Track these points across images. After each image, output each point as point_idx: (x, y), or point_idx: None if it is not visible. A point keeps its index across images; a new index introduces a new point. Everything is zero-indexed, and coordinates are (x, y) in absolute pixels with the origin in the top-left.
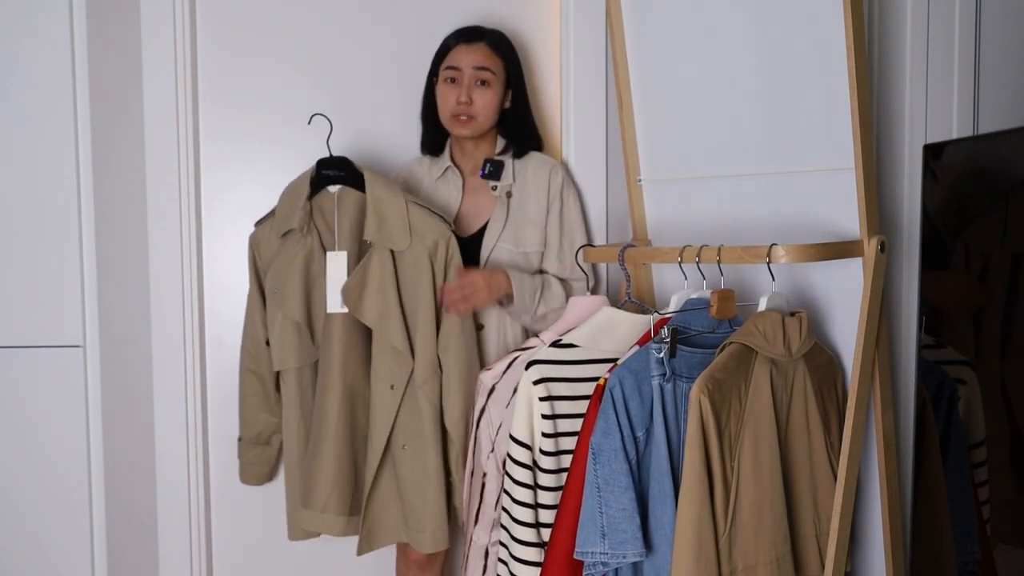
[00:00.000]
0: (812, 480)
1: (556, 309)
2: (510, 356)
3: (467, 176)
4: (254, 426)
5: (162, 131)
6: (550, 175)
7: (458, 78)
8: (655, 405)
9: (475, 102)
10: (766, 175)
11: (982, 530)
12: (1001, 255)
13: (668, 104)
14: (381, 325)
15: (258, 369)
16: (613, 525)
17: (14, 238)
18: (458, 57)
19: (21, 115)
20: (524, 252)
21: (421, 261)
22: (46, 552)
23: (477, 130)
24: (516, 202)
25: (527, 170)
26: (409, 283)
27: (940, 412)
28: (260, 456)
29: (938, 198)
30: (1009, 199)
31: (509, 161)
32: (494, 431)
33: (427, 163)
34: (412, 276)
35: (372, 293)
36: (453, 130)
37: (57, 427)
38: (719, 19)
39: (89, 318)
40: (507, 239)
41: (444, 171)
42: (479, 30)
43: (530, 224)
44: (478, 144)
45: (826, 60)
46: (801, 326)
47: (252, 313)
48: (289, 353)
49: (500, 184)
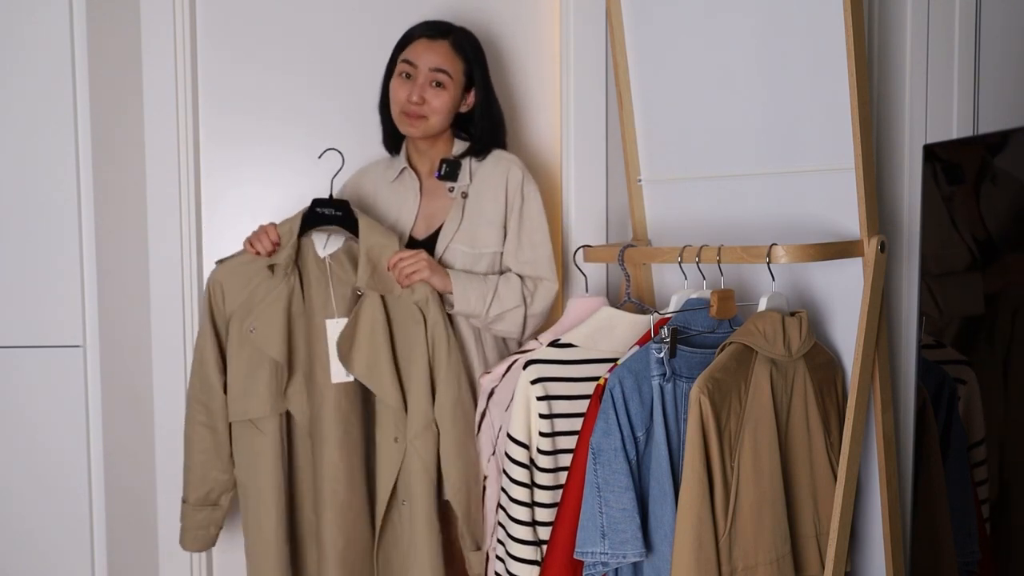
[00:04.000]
0: (812, 480)
1: (511, 309)
2: (510, 358)
3: (424, 178)
4: (202, 486)
5: (162, 131)
6: (508, 173)
7: (413, 74)
8: (655, 405)
9: (428, 102)
10: (766, 175)
11: (982, 530)
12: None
13: (668, 104)
14: (370, 377)
15: (211, 422)
16: (613, 525)
17: (14, 238)
18: (416, 52)
19: (21, 115)
20: (480, 253)
21: (414, 312)
22: (46, 552)
23: (427, 131)
24: (472, 202)
25: (484, 169)
26: (403, 334)
27: (940, 412)
28: (207, 519)
29: (938, 198)
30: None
31: (466, 161)
32: (495, 434)
33: (383, 165)
34: (406, 327)
35: (361, 344)
36: (401, 127)
37: (57, 427)
38: (719, 19)
39: (89, 318)
40: (461, 240)
41: (400, 172)
42: (444, 26)
43: (488, 224)
44: (433, 143)
45: (826, 60)
46: (801, 326)
47: (205, 359)
48: (263, 398)
49: (456, 185)
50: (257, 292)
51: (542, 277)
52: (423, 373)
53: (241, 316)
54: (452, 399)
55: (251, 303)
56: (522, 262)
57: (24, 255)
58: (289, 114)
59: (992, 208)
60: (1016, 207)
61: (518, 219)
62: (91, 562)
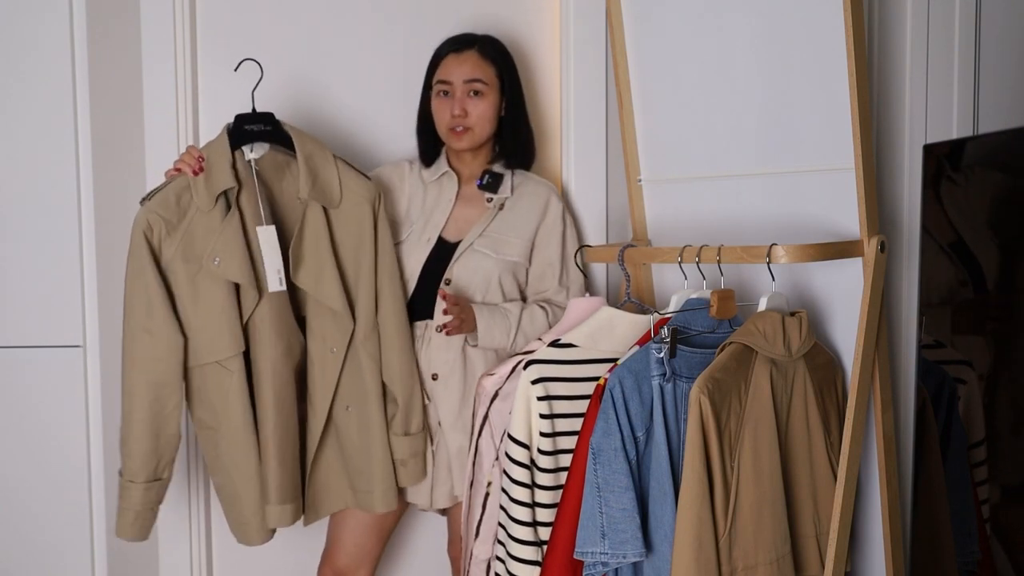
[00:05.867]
0: (812, 480)
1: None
2: (513, 360)
3: (463, 183)
4: (152, 457)
5: (162, 131)
6: (550, 198)
7: (450, 91)
8: (655, 405)
9: (470, 113)
10: (766, 175)
11: (982, 530)
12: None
13: (668, 104)
14: (317, 288)
15: (163, 378)
16: (613, 525)
17: (14, 238)
18: (448, 70)
19: (22, 115)
20: (504, 260)
21: (362, 220)
22: (46, 552)
23: (474, 141)
24: (506, 214)
25: (525, 187)
26: (348, 242)
27: (940, 412)
28: (155, 496)
29: (938, 198)
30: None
31: (508, 175)
32: (498, 439)
33: (417, 166)
34: (352, 234)
35: (307, 256)
36: (451, 144)
37: (57, 427)
38: (719, 20)
39: (89, 318)
40: (484, 244)
41: (441, 175)
42: (469, 38)
43: (517, 236)
44: (476, 154)
45: (826, 60)
46: (801, 326)
47: (154, 304)
48: (233, 337)
49: (496, 196)
50: (196, 224)
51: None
52: (370, 279)
53: (186, 253)
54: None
55: (194, 236)
56: (563, 287)
57: (24, 255)
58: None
59: (992, 208)
60: (1016, 207)
61: (560, 246)
62: (91, 561)
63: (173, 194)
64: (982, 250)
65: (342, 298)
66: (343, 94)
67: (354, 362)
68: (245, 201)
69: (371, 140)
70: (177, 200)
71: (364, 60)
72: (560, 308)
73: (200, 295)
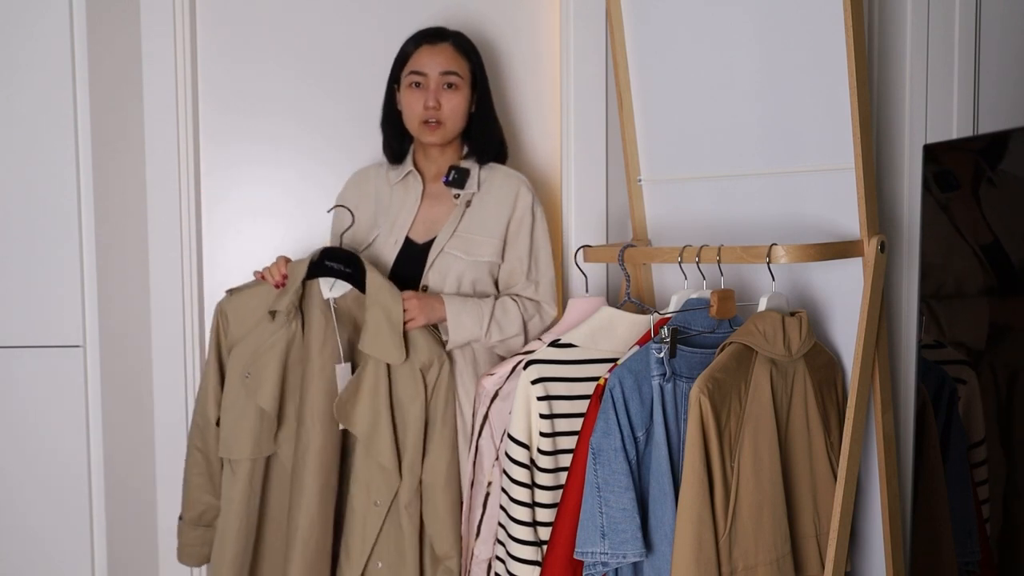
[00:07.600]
0: (812, 480)
1: (512, 336)
2: (513, 360)
3: (428, 182)
4: (197, 506)
5: (162, 131)
6: (518, 191)
7: (423, 82)
8: (655, 405)
9: (443, 106)
10: (766, 175)
11: (982, 530)
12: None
13: (668, 104)
14: (370, 440)
15: (205, 448)
16: (613, 525)
17: (14, 238)
18: (421, 61)
19: (21, 115)
20: (475, 260)
21: (416, 378)
22: (46, 552)
23: (446, 136)
24: (474, 210)
25: (493, 181)
26: (402, 399)
27: (940, 412)
28: (201, 538)
29: (938, 197)
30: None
31: (475, 170)
32: (498, 439)
33: (385, 168)
34: (406, 392)
35: (364, 406)
36: (422, 137)
37: (57, 427)
38: (719, 19)
39: (89, 318)
40: (456, 246)
41: (405, 175)
42: (443, 31)
43: (487, 234)
44: (444, 151)
45: (826, 60)
46: (801, 326)
47: (206, 389)
48: (244, 442)
49: (463, 192)
50: (260, 331)
51: (543, 302)
52: (418, 440)
53: (241, 352)
54: (446, 459)
55: (251, 342)
56: (531, 282)
57: (24, 255)
58: (289, 113)
59: (992, 208)
60: (1016, 206)
61: (528, 240)
62: (91, 561)
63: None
64: (982, 249)
65: (393, 454)
66: (344, 93)
67: (394, 521)
68: (315, 335)
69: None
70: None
71: (364, 57)
72: (530, 302)
73: (233, 392)
